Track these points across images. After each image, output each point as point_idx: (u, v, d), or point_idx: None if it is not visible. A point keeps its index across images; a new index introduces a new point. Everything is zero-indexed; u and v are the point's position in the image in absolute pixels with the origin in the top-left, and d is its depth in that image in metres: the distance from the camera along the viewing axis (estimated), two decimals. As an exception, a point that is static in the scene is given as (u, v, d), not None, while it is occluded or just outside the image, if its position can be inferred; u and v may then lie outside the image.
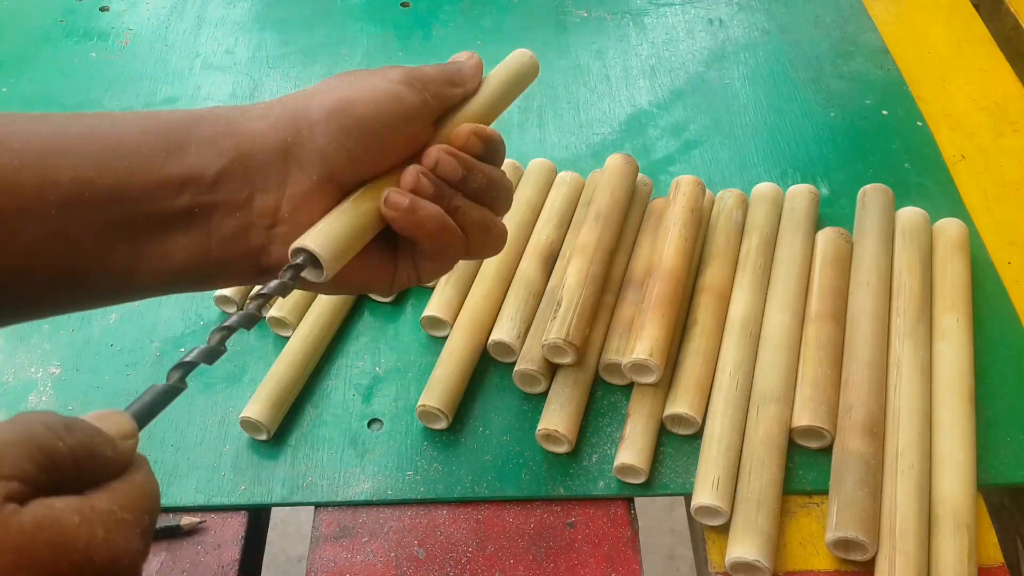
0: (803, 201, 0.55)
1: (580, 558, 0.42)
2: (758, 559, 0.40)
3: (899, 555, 0.40)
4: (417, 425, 0.47)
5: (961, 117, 0.66)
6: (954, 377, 0.46)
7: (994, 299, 0.53)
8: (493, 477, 0.45)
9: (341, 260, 0.33)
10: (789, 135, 0.65)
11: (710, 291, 0.50)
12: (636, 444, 0.44)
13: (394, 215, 0.34)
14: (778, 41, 0.74)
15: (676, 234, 0.50)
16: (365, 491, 0.44)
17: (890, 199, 0.55)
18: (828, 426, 0.44)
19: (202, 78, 0.70)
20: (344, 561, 0.42)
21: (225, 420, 0.47)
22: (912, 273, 0.51)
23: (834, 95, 0.68)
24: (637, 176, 0.56)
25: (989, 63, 0.71)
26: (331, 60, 0.72)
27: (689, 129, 0.65)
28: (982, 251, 0.56)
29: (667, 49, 0.73)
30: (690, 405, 0.45)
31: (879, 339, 0.48)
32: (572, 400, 0.46)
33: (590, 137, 0.65)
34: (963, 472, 0.43)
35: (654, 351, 0.45)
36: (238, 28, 0.75)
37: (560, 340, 0.45)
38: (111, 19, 0.76)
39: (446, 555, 0.42)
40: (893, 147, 0.63)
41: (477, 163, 0.36)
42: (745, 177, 0.61)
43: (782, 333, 0.48)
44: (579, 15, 0.77)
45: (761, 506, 0.41)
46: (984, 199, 0.60)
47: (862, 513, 0.41)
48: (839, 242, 0.52)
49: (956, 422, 0.45)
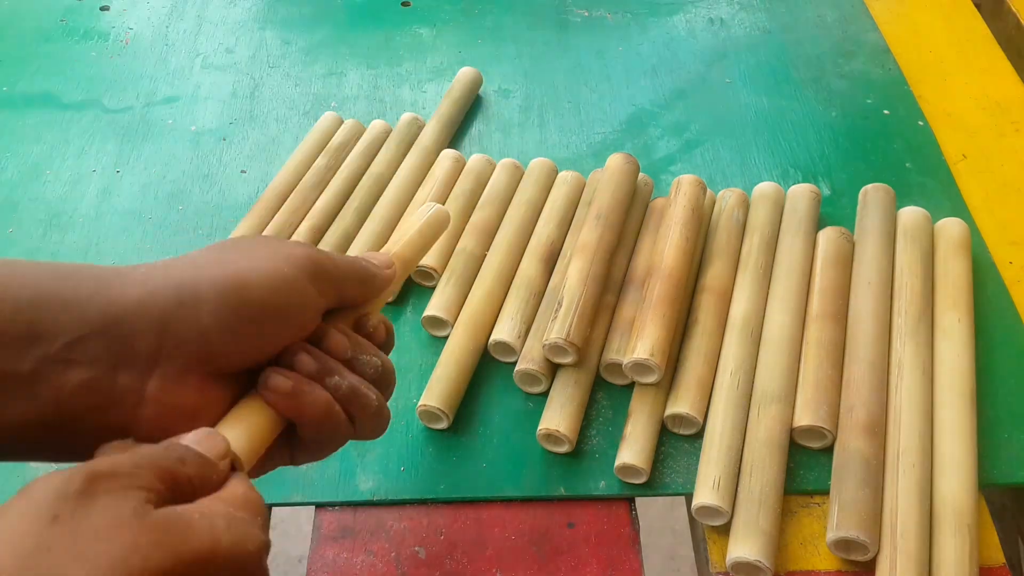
0: (804, 201, 0.55)
1: (581, 558, 0.42)
2: (759, 559, 0.40)
3: (900, 555, 0.40)
4: (418, 425, 0.47)
5: (963, 117, 0.66)
6: (955, 377, 0.46)
7: (995, 299, 0.53)
8: (494, 477, 0.45)
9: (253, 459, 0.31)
10: (790, 134, 0.65)
11: (711, 291, 0.50)
12: (637, 444, 0.44)
13: (274, 399, 0.31)
14: (779, 40, 0.74)
15: (677, 234, 0.50)
16: (366, 491, 0.44)
17: (891, 199, 0.55)
18: (829, 426, 0.44)
19: (202, 78, 0.70)
20: (344, 561, 0.42)
21: (225, 420, 0.47)
22: (913, 273, 0.50)
23: (835, 95, 0.68)
24: (638, 176, 0.55)
25: (991, 63, 0.71)
26: (331, 60, 0.72)
27: (690, 128, 0.65)
28: (983, 251, 0.56)
29: (668, 49, 0.73)
30: (691, 405, 0.45)
31: (880, 339, 0.47)
32: (573, 400, 0.46)
33: (591, 136, 0.65)
34: (964, 472, 0.43)
35: (655, 351, 0.45)
36: (238, 28, 0.75)
37: (561, 340, 0.45)
38: (111, 19, 0.76)
39: (446, 555, 0.42)
40: (894, 147, 0.63)
41: (369, 344, 0.34)
42: (746, 177, 0.61)
43: (783, 333, 0.48)
44: (580, 14, 0.77)
45: (762, 506, 0.41)
46: (985, 199, 0.60)
47: (863, 513, 0.41)
48: (840, 242, 0.52)
49: (957, 422, 0.45)
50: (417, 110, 0.67)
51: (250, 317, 0.30)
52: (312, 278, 0.32)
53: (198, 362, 0.30)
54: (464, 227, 0.54)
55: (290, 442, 0.34)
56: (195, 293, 0.30)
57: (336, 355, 0.33)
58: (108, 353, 0.29)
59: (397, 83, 0.70)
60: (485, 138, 0.65)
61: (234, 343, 0.30)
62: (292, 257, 0.32)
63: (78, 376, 0.28)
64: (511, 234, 0.53)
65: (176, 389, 0.30)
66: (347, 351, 0.33)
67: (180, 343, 0.29)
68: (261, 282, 0.31)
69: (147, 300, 0.29)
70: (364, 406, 0.33)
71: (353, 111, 0.67)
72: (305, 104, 0.68)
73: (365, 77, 0.70)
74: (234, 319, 0.30)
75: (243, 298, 0.30)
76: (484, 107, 0.68)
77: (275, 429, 0.32)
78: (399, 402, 0.48)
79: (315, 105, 0.68)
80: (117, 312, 0.29)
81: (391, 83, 0.70)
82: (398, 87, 0.69)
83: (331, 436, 0.33)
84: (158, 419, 0.29)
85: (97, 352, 0.28)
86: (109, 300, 0.29)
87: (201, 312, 0.29)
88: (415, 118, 0.63)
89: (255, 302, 0.30)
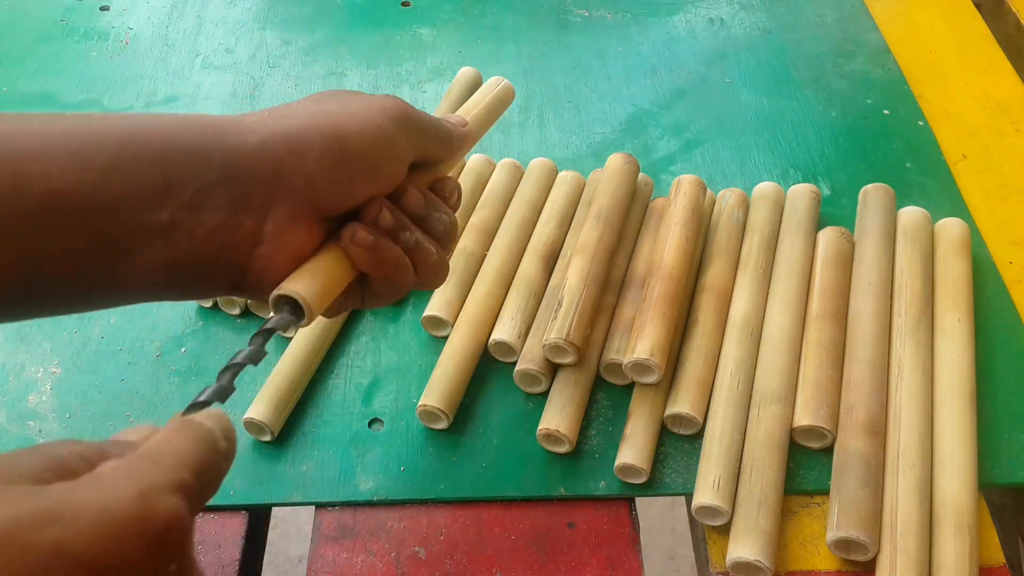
0: (804, 201, 0.55)
1: (581, 558, 0.42)
2: (759, 559, 0.40)
3: (900, 555, 0.40)
4: (418, 425, 0.47)
5: (963, 117, 0.66)
6: (955, 377, 0.46)
7: (995, 299, 0.53)
8: (494, 477, 0.45)
9: (322, 307, 0.33)
10: (790, 134, 0.65)
11: (711, 291, 0.50)
12: (637, 444, 0.44)
13: (357, 251, 0.34)
14: (779, 40, 0.74)
15: (677, 234, 0.50)
16: (366, 491, 0.44)
17: (891, 199, 0.55)
18: (829, 426, 0.44)
19: (202, 77, 0.70)
20: (344, 561, 0.42)
21: (225, 420, 0.47)
22: (913, 273, 0.50)
23: (835, 95, 0.68)
24: (638, 176, 0.55)
25: (991, 63, 0.71)
26: (331, 60, 0.72)
27: (690, 128, 0.65)
28: (983, 251, 0.56)
29: (668, 48, 0.73)
30: (691, 405, 0.45)
31: (880, 339, 0.47)
32: (573, 400, 0.46)
33: (591, 136, 0.65)
34: (964, 472, 0.43)
35: (655, 351, 0.45)
36: (238, 28, 0.75)
37: (561, 340, 0.45)
38: (111, 18, 0.76)
39: (447, 555, 0.42)
40: (894, 147, 0.63)
41: (442, 203, 0.37)
42: (746, 176, 0.61)
43: (783, 333, 0.48)
44: (580, 14, 0.77)
45: (762, 506, 0.41)
46: (985, 199, 0.60)
47: (863, 513, 0.41)
48: (840, 242, 0.52)
49: (957, 422, 0.45)
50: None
51: (349, 165, 0.33)
52: (404, 131, 0.34)
53: (304, 207, 0.32)
54: (464, 227, 0.54)
55: (361, 287, 0.36)
56: (301, 143, 0.32)
57: (411, 212, 0.35)
58: (231, 199, 0.31)
59: (397, 83, 0.70)
60: (485, 138, 0.65)
61: (334, 189, 0.33)
62: (385, 109, 0.34)
63: (208, 221, 0.31)
64: (511, 234, 0.53)
65: (287, 231, 0.32)
66: (423, 209, 0.36)
67: (290, 188, 0.32)
68: (360, 132, 0.33)
69: (262, 149, 0.31)
70: (426, 260, 0.36)
71: (353, 111, 0.67)
72: (305, 104, 0.68)
73: (365, 77, 0.70)
74: (335, 167, 0.32)
75: (344, 146, 0.32)
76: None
77: (348, 277, 0.35)
78: (399, 402, 0.48)
79: (315, 105, 0.67)
80: (237, 160, 0.31)
81: (391, 83, 0.70)
82: (398, 87, 0.69)
83: (397, 285, 0.36)
84: (272, 257, 0.32)
85: (222, 199, 0.31)
86: (230, 148, 0.31)
87: (308, 160, 0.32)
88: (415, 118, 0.63)
89: (354, 151, 0.32)
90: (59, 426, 0.47)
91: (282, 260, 0.32)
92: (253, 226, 0.32)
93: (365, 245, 0.33)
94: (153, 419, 0.47)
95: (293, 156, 0.32)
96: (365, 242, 0.33)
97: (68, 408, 0.47)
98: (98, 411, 0.47)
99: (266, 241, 0.32)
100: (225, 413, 0.27)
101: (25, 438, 0.46)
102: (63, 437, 0.46)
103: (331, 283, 0.33)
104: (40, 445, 0.23)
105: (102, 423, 0.47)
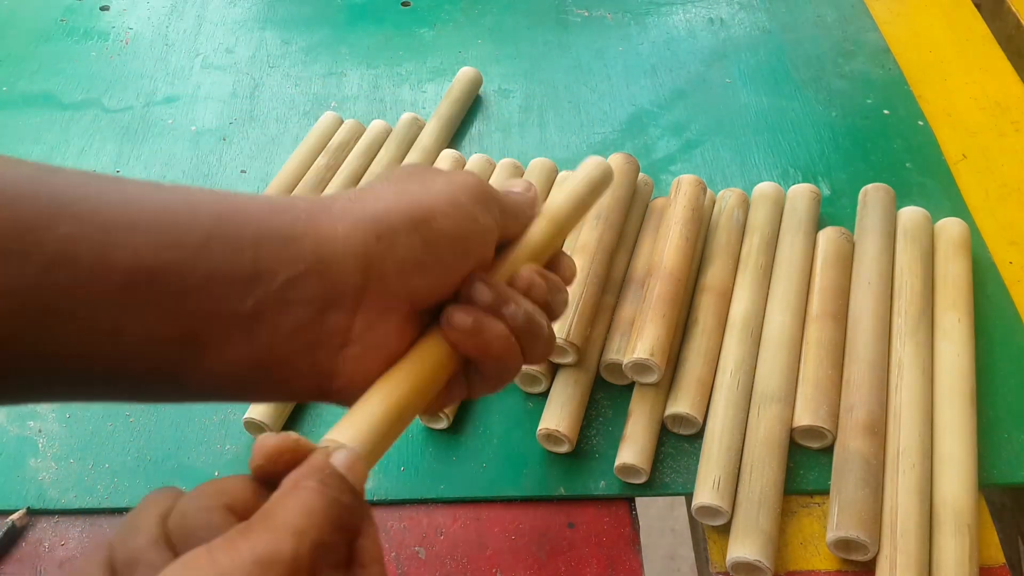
0: (804, 201, 0.55)
1: (581, 558, 0.42)
2: (759, 559, 0.40)
3: (900, 555, 0.40)
4: (417, 425, 0.47)
5: (962, 117, 0.66)
6: (955, 377, 0.46)
7: (995, 299, 0.53)
8: (494, 477, 0.45)
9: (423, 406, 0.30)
10: (790, 134, 0.65)
11: (711, 291, 0.50)
12: (637, 444, 0.44)
13: (456, 337, 0.31)
14: (779, 40, 0.74)
15: (677, 234, 0.50)
16: (366, 491, 0.44)
17: (891, 199, 0.55)
18: (829, 426, 0.44)
19: (202, 77, 0.70)
20: (344, 561, 0.42)
21: (226, 420, 0.47)
22: (913, 273, 0.50)
23: (835, 94, 0.68)
24: (638, 175, 0.55)
25: (991, 62, 0.71)
26: (331, 60, 0.72)
27: (690, 128, 0.65)
28: (983, 251, 0.56)
29: (668, 48, 0.73)
30: (691, 405, 0.45)
31: (880, 339, 0.47)
32: (573, 400, 0.46)
33: (591, 136, 0.65)
34: (964, 472, 0.43)
35: (655, 351, 0.45)
36: (238, 28, 0.75)
37: (561, 339, 0.45)
38: (111, 18, 0.76)
39: (447, 555, 0.42)
40: (894, 147, 0.63)
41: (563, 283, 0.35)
42: (746, 176, 0.61)
43: (783, 333, 0.48)
44: (580, 14, 0.77)
45: (762, 506, 0.41)
46: (985, 199, 0.60)
47: (863, 513, 0.41)
48: (840, 242, 0.52)
49: (957, 422, 0.45)
50: (417, 110, 0.67)
51: (437, 248, 0.30)
52: (486, 208, 0.32)
53: (397, 299, 0.30)
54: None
55: (467, 376, 0.34)
56: (390, 226, 0.29)
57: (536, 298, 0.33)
58: (320, 291, 0.28)
59: (397, 83, 0.70)
60: (485, 138, 0.65)
61: (426, 276, 0.30)
62: (466, 186, 0.32)
63: (294, 316, 0.28)
64: (511, 234, 0.53)
65: (379, 328, 0.29)
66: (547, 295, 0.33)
67: (382, 279, 0.29)
68: (444, 213, 0.30)
69: (350, 235, 0.29)
70: (536, 335, 0.33)
71: (353, 111, 0.67)
72: (305, 104, 0.68)
73: (365, 77, 0.70)
74: (424, 251, 0.30)
75: (432, 229, 0.30)
76: (484, 107, 0.68)
77: (451, 366, 0.31)
78: (399, 402, 0.48)
79: (315, 105, 0.68)
80: (326, 249, 0.28)
81: (391, 83, 0.70)
82: (398, 87, 0.69)
83: (507, 367, 0.33)
84: (362, 359, 0.29)
85: (310, 291, 0.28)
86: (320, 235, 0.28)
87: (397, 245, 0.29)
88: (415, 118, 0.63)
89: (441, 232, 0.30)
90: (59, 426, 0.47)
91: (372, 363, 0.30)
92: (343, 323, 0.29)
93: (464, 328, 0.31)
94: (153, 418, 0.47)
95: (383, 242, 0.29)
96: (463, 325, 0.31)
97: (68, 408, 0.47)
98: (98, 411, 0.47)
99: (356, 341, 0.29)
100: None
101: (25, 438, 0.46)
102: (63, 437, 0.46)
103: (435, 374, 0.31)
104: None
105: (102, 423, 0.47)
